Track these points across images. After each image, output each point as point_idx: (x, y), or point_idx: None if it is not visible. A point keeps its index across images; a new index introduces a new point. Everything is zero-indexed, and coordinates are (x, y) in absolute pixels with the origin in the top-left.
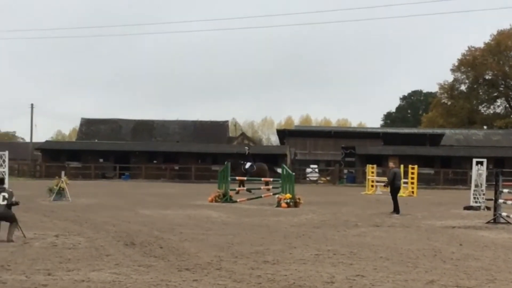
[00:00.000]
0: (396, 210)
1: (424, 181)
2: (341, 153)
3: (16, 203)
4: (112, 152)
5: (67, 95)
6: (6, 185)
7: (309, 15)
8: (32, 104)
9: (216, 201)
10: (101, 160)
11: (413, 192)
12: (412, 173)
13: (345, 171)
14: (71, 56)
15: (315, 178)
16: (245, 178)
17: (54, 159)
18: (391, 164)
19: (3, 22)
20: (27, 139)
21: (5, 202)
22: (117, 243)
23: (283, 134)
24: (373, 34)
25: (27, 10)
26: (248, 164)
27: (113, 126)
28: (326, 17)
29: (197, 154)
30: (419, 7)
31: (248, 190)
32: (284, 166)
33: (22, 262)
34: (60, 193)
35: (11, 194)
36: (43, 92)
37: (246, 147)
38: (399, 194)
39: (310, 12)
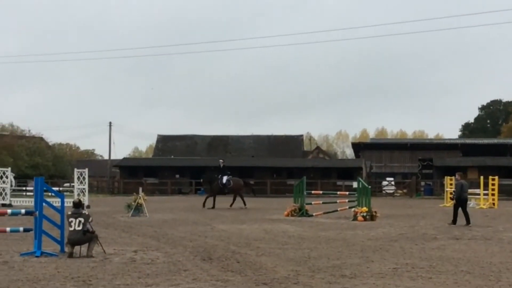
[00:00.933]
0: (455, 221)
1: (505, 193)
2: (418, 165)
3: (92, 232)
4: (188, 167)
5: (143, 112)
6: (85, 202)
7: (384, 27)
8: (110, 122)
9: (292, 215)
10: (177, 176)
11: (494, 203)
12: (493, 184)
13: (422, 183)
14: (148, 74)
15: (391, 191)
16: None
17: (131, 176)
18: (457, 177)
19: (85, 42)
20: (106, 157)
21: (80, 227)
22: (194, 258)
23: (358, 147)
24: (449, 43)
25: (107, 31)
26: (225, 179)
27: (188, 142)
28: (401, 29)
29: (272, 169)
30: (497, 16)
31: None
32: (360, 179)
33: (102, 277)
34: (138, 209)
35: (87, 218)
36: (121, 110)
37: (221, 160)
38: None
39: (385, 24)
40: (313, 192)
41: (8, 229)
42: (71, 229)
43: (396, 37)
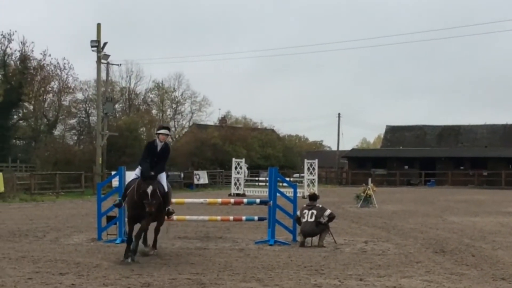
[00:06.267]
0: None
1: None
2: None
3: (325, 223)
4: (417, 158)
5: (374, 103)
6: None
7: None
8: (339, 114)
9: None
10: (406, 167)
11: None
12: None
13: None
14: (407, 62)
15: None
16: None
17: (359, 167)
18: None
19: (344, 32)
20: (334, 148)
21: (313, 219)
22: (426, 250)
23: None
24: None
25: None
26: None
27: (418, 133)
28: None
29: (507, 159)
30: None
31: None
32: None
33: (334, 267)
34: (367, 199)
35: (320, 211)
36: (351, 101)
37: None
38: None
39: None
40: None
41: (243, 217)
42: (304, 220)
43: None
